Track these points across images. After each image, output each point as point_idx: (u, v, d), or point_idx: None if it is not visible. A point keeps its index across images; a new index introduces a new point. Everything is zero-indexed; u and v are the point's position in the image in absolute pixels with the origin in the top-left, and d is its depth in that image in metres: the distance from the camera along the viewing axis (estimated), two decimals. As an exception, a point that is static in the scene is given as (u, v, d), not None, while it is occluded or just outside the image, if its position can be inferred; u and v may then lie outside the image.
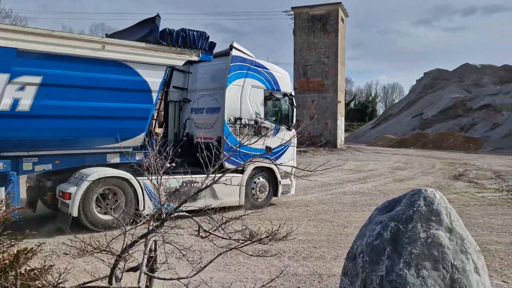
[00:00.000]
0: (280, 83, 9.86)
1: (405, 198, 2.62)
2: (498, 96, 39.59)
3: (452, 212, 2.55)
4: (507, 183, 14.91)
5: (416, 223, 2.41)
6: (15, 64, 6.04)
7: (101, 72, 6.97)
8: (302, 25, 27.08)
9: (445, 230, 2.44)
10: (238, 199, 9.04)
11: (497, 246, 6.42)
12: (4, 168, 6.31)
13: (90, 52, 6.74)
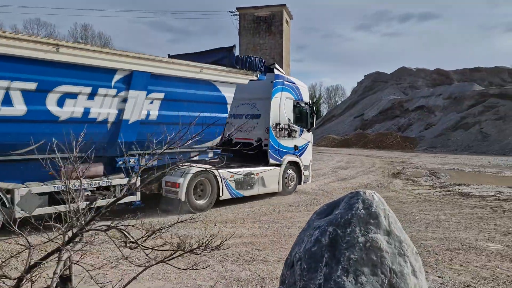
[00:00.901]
0: (303, 94, 12.09)
1: (344, 201, 2.54)
2: (431, 98, 42.10)
3: (390, 214, 2.51)
4: (440, 180, 15.78)
5: (355, 227, 2.33)
6: (150, 84, 8.09)
7: (198, 89, 9.11)
8: (247, 26, 27.09)
9: (383, 233, 2.38)
10: (277, 187, 11.26)
11: (432, 241, 6.66)
12: (135, 163, 8.14)
13: (193, 74, 8.88)
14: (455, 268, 5.22)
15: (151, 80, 8.06)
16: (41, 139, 6.17)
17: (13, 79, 6.36)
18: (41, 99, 6.76)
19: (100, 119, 7.62)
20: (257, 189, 10.56)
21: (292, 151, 11.63)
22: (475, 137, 33.90)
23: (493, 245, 6.41)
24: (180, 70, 8.63)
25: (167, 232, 6.81)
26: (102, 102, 7.57)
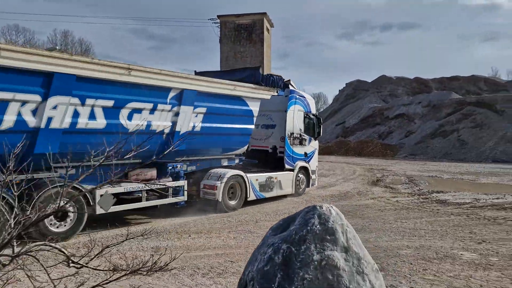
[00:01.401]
0: (311, 106, 13.52)
1: (300, 216, 2.40)
2: (411, 106, 42.70)
3: (348, 229, 2.38)
4: (418, 187, 15.88)
5: (310, 244, 2.18)
6: (196, 100, 9.45)
7: (231, 104, 10.41)
8: (228, 33, 27.03)
9: (340, 250, 2.24)
10: (291, 189, 12.57)
11: (408, 250, 6.61)
12: (181, 169, 9.66)
13: (228, 91, 10.16)
14: (428, 278, 5.15)
15: (197, 97, 9.49)
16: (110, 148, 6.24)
17: (97, 97, 7.67)
18: (116, 114, 8.04)
19: (158, 131, 8.90)
20: (276, 191, 11.95)
21: (303, 157, 13.12)
22: (453, 145, 34.43)
23: (467, 253, 6.39)
24: (219, 88, 10.00)
25: (135, 245, 6.56)
26: (160, 116, 8.93)
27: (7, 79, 6.45)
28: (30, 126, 6.85)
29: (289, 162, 12.52)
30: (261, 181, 11.37)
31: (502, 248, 6.71)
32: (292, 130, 12.55)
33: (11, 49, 6.42)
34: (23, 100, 6.72)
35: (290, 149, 12.54)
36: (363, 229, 8.49)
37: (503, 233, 8.05)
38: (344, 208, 11.38)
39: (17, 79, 6.59)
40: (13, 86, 6.56)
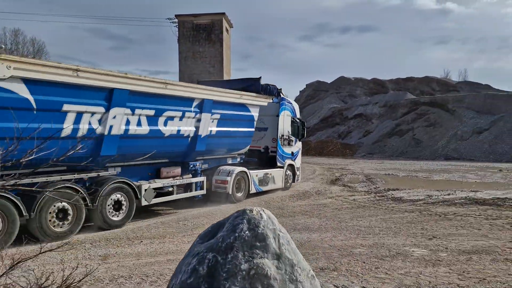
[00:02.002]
0: (296, 111, 15.35)
1: (228, 222, 2.24)
2: (368, 106, 43.82)
3: (281, 234, 2.24)
4: (375, 186, 16.19)
5: (237, 252, 2.02)
6: (213, 108, 10.85)
7: (237, 110, 11.98)
8: (186, 33, 26.57)
9: (272, 257, 2.10)
10: (281, 184, 14.21)
11: (361, 249, 6.62)
12: (199, 167, 11.21)
13: (236, 99, 11.77)
14: (380, 276, 5.15)
15: (213, 105, 10.93)
16: (152, 150, 8.50)
17: (143, 108, 8.99)
18: (156, 121, 9.42)
19: (185, 135, 10.38)
20: (270, 185, 13.59)
21: (290, 156, 14.89)
22: (409, 143, 35.61)
23: (418, 250, 6.48)
24: (230, 97, 11.55)
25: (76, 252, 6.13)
26: (187, 122, 10.34)
27: (82, 95, 7.78)
28: (97, 133, 8.13)
29: (280, 160, 14.27)
30: (259, 176, 13.14)
31: (451, 244, 6.87)
32: (283, 132, 14.33)
33: (85, 70, 7.70)
34: (92, 111, 8.01)
35: (281, 149, 14.33)
36: (319, 228, 8.48)
37: (453, 228, 8.28)
38: (302, 208, 11.38)
39: (88, 94, 7.89)
40: (86, 100, 7.88)
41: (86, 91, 7.84)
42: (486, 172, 21.45)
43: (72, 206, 7.70)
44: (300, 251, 6.47)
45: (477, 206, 11.04)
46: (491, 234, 7.60)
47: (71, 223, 7.78)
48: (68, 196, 7.50)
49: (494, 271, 5.25)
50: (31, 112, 7.04)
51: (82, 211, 7.88)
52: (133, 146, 8.98)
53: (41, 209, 7.25)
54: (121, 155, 8.84)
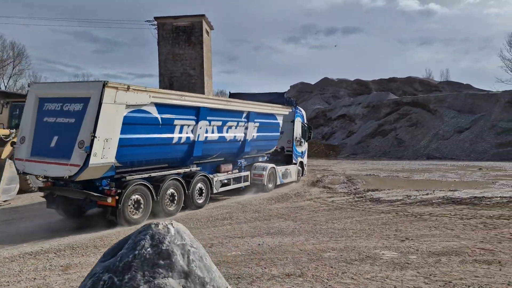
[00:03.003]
0: (304, 117, 18.34)
1: (131, 238, 2.05)
2: (351, 107, 43.99)
3: (192, 250, 2.05)
4: (355, 186, 16.13)
5: (136, 272, 1.82)
6: (255, 118, 13.76)
7: (269, 119, 14.78)
8: (166, 35, 26.24)
9: (178, 276, 1.90)
10: (296, 178, 17.26)
11: (332, 253, 6.47)
12: (243, 164, 14.33)
13: (269, 110, 14.62)
14: (345, 282, 5.00)
15: (256, 115, 13.80)
16: (218, 152, 12.58)
17: (215, 120, 11.89)
18: (222, 130, 12.35)
19: (238, 140, 13.29)
20: (289, 179, 16.54)
21: (301, 155, 17.76)
22: (392, 143, 35.82)
23: (389, 252, 6.35)
24: (265, 109, 14.39)
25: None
26: (239, 129, 13.18)
27: (183, 112, 10.65)
28: (191, 140, 11.09)
29: (294, 158, 17.15)
30: (282, 171, 16.00)
31: (422, 245, 6.76)
32: (296, 135, 17.06)
33: (186, 94, 10.96)
34: (188, 124, 10.88)
35: (295, 149, 17.13)
36: (292, 232, 8.33)
37: (426, 229, 8.19)
38: (279, 210, 11.22)
39: (186, 112, 10.76)
40: (185, 116, 10.73)
41: (185, 109, 10.70)
42: (466, 171, 21.62)
43: (177, 192, 10.67)
44: (269, 256, 6.36)
45: (453, 205, 11.02)
46: (463, 235, 7.53)
47: (177, 204, 10.71)
48: (175, 185, 10.58)
49: (461, 273, 5.14)
50: (157, 127, 9.87)
51: (182, 196, 10.86)
52: (209, 149, 12.00)
53: (162, 194, 10.04)
54: (202, 156, 11.83)
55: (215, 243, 7.47)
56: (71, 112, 8.65)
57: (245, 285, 4.99)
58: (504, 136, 30.66)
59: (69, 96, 8.83)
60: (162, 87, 27.18)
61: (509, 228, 7.93)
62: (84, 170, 8.17)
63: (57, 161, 8.48)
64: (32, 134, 9.12)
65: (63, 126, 8.69)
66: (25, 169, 9.13)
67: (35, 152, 8.99)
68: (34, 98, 9.26)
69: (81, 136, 8.25)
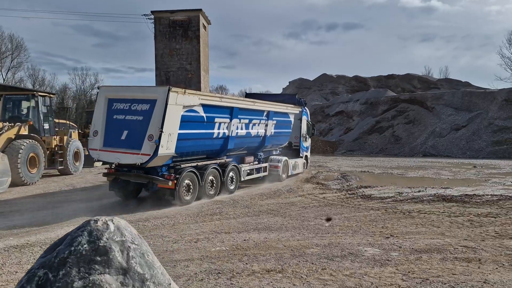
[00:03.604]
0: (309, 115, 19.92)
1: (70, 234, 2.05)
2: (349, 104, 43.94)
3: (133, 247, 2.05)
4: (348, 183, 16.14)
5: (71, 269, 1.82)
6: (273, 116, 15.43)
7: (283, 117, 16.49)
8: (163, 30, 26.13)
9: (116, 272, 1.91)
10: (302, 169, 18.90)
11: (315, 249, 6.49)
12: (262, 156, 15.96)
13: (284, 109, 16.53)
14: (324, 278, 5.02)
15: (274, 114, 15.50)
16: (245, 145, 14.31)
17: (243, 118, 13.57)
18: (248, 127, 14.05)
19: (260, 135, 15.01)
20: (297, 170, 18.09)
21: (306, 149, 19.64)
22: (389, 140, 35.82)
23: (371, 249, 6.38)
24: (281, 108, 16.28)
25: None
26: (261, 126, 14.92)
27: (221, 112, 12.44)
28: (226, 135, 12.86)
29: (301, 152, 18.93)
30: (293, 164, 17.62)
31: (406, 242, 6.79)
32: (303, 132, 18.74)
33: (224, 96, 13.32)
34: (224, 122, 12.63)
35: (302, 144, 18.91)
36: (280, 228, 8.35)
37: (413, 226, 8.22)
38: (269, 206, 11.24)
39: (223, 111, 12.54)
40: (222, 115, 12.50)
41: (223, 109, 12.49)
42: (461, 168, 21.65)
43: (216, 179, 12.43)
44: (252, 252, 6.38)
45: (443, 203, 11.05)
46: (448, 232, 7.55)
47: (215, 189, 12.45)
48: (214, 173, 12.34)
49: (439, 271, 5.17)
50: (202, 123, 11.67)
51: (219, 183, 12.55)
52: (238, 143, 13.74)
53: (205, 180, 11.87)
54: (233, 149, 13.61)
55: (201, 238, 7.49)
56: (139, 111, 10.42)
57: (224, 281, 5.02)
58: (500, 134, 30.68)
59: (137, 98, 10.55)
60: (158, 82, 27.14)
61: (494, 226, 7.97)
62: (154, 159, 10.10)
63: (128, 151, 10.32)
64: (104, 128, 10.82)
65: (132, 123, 10.46)
66: (100, 157, 10.99)
67: (107, 143, 10.73)
68: (104, 98, 10.90)
69: (150, 131, 10.05)
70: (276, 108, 15.81)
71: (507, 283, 4.75)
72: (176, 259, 6.08)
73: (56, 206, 11.20)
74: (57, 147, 17.23)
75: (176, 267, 5.68)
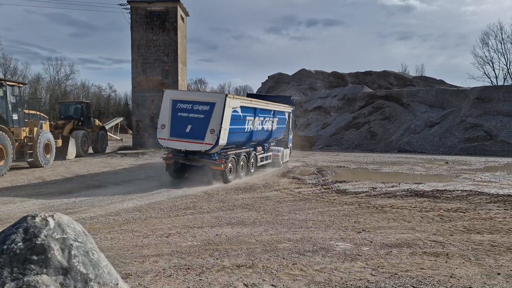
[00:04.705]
0: (293, 112, 22.06)
1: (4, 232, 1.89)
2: (327, 99, 44.24)
3: (76, 244, 1.91)
4: (324, 178, 16.24)
5: (2, 269, 1.67)
6: (277, 114, 18.54)
7: (281, 115, 19.23)
8: (139, 20, 25.56)
9: (55, 272, 1.77)
10: (289, 158, 21.95)
11: (287, 244, 6.46)
12: (267, 146, 18.92)
13: (282, 109, 19.38)
14: (294, 273, 4.99)
15: (277, 113, 18.46)
16: (260, 138, 17.38)
17: (260, 116, 16.49)
18: (263, 123, 16.95)
19: (268, 130, 17.83)
20: (286, 158, 21.22)
21: (290, 141, 22.27)
22: (365, 136, 36.26)
23: (343, 244, 6.40)
24: (281, 108, 19.17)
25: None
26: (269, 123, 17.68)
27: (249, 111, 15.30)
28: (251, 130, 15.72)
29: (288, 144, 21.68)
30: (286, 153, 21.05)
31: (378, 237, 6.84)
32: (290, 126, 21.61)
33: (253, 100, 16.14)
34: (251, 119, 15.46)
35: (289, 137, 21.74)
36: (253, 223, 8.29)
37: (385, 221, 8.30)
38: (244, 201, 11.18)
39: (250, 111, 15.37)
40: (250, 114, 15.36)
41: (251, 109, 15.45)
42: (434, 164, 22.10)
43: (244, 163, 15.77)
44: (224, 247, 6.29)
45: (415, 198, 11.23)
46: (418, 227, 7.66)
47: (244, 171, 15.78)
48: (243, 159, 15.64)
49: (408, 265, 5.22)
50: (240, 120, 14.64)
51: (245, 167, 15.92)
52: (257, 135, 16.75)
53: (240, 164, 15.25)
54: (254, 141, 16.69)
55: (172, 233, 7.36)
56: (200, 111, 13.49)
57: (193, 276, 4.92)
58: (471, 131, 31.47)
59: (198, 100, 13.68)
60: (134, 73, 26.59)
61: (463, 221, 8.13)
62: (215, 147, 13.41)
63: (193, 141, 13.50)
64: (169, 122, 13.70)
65: (195, 119, 13.51)
66: (167, 145, 14.01)
67: (173, 134, 13.69)
68: (169, 99, 13.79)
69: (211, 126, 13.28)
70: (279, 108, 18.87)
71: (472, 277, 4.82)
72: (145, 254, 5.94)
73: (24, 200, 10.84)
74: (26, 139, 16.68)
75: (144, 262, 5.54)
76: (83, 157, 22.64)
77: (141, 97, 26.80)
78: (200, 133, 13.32)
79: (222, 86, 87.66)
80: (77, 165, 19.22)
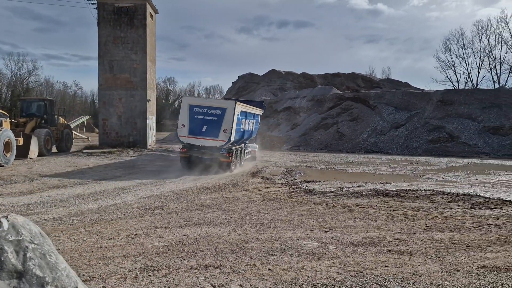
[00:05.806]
0: (264, 113, 27.45)
1: None
2: (297, 100, 44.67)
3: (32, 247, 1.84)
4: (293, 178, 16.38)
5: None
6: (254, 117, 22.59)
7: (256, 118, 23.19)
8: (107, 16, 24.92)
9: (9, 276, 1.70)
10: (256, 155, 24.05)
11: (255, 243, 6.47)
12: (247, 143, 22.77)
13: (258, 112, 23.60)
14: (261, 272, 5.00)
15: (255, 115, 22.31)
16: (246, 136, 20.55)
17: (248, 118, 20.18)
18: (248, 124, 20.52)
19: (251, 130, 21.40)
20: (256, 155, 23.77)
21: (257, 139, 25.95)
22: (333, 136, 36.86)
23: (310, 243, 6.47)
24: (258, 111, 22.91)
25: None
26: (251, 124, 21.15)
27: (250, 116, 20.65)
28: (243, 130, 19.03)
29: (257, 141, 25.20)
30: (258, 149, 24.58)
31: (344, 236, 6.96)
32: (258, 127, 24.75)
33: (249, 106, 20.81)
34: (244, 121, 19.02)
35: (257, 136, 25.28)
36: (222, 223, 8.26)
37: (351, 220, 8.46)
38: (213, 201, 11.11)
39: (251, 116, 20.83)
40: (250, 118, 20.67)
41: (251, 114, 20.53)
42: (399, 164, 22.73)
43: (239, 157, 19.19)
44: (192, 247, 6.22)
45: (381, 197, 11.50)
46: (384, 226, 7.85)
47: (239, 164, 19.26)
48: (239, 154, 18.99)
49: (373, 263, 5.33)
50: (240, 122, 18.10)
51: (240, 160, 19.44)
52: (245, 134, 19.81)
53: (239, 157, 19.17)
54: (244, 139, 20.02)
55: (139, 234, 7.22)
56: (213, 114, 16.95)
57: (159, 278, 4.84)
58: (434, 133, 32.59)
59: (212, 106, 17.30)
60: (101, 71, 25.91)
61: (426, 220, 8.40)
62: (227, 144, 16.98)
63: (209, 138, 16.90)
64: (188, 123, 17.01)
65: (209, 121, 16.93)
66: (187, 141, 17.14)
67: (191, 133, 17.00)
68: (187, 104, 17.26)
69: (224, 126, 16.80)
70: (256, 111, 22.63)
71: (434, 274, 4.98)
72: (110, 256, 5.80)
73: (-20, 200, 10.34)
74: (-16, 137, 15.94)
75: (109, 264, 5.41)
76: (47, 156, 21.85)
77: (108, 95, 26.16)
78: (215, 132, 16.78)
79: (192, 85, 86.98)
80: (40, 164, 18.53)
